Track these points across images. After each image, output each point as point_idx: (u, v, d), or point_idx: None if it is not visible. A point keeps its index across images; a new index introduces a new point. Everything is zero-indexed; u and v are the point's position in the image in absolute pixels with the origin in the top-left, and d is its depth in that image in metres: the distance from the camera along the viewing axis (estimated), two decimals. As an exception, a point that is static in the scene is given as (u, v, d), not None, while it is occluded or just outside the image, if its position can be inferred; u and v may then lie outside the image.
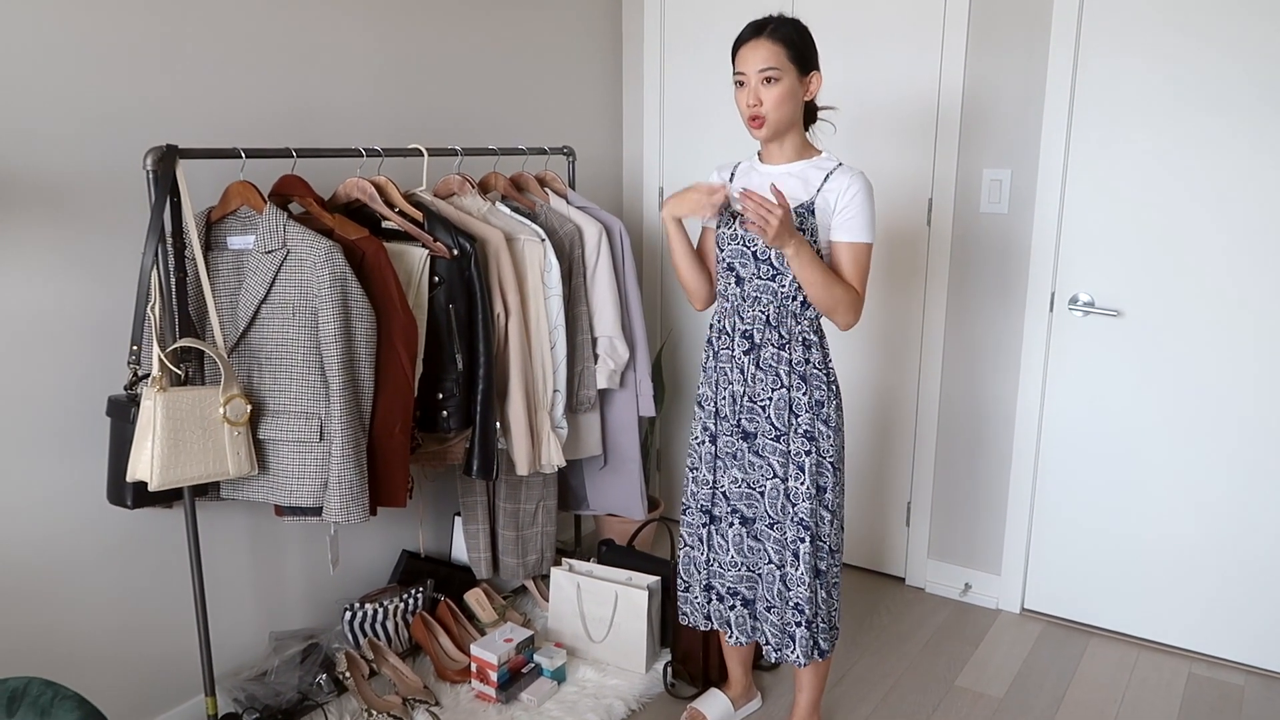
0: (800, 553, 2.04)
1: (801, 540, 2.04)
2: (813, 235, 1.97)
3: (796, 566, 2.05)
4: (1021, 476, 2.92)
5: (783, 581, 2.08)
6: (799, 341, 2.02)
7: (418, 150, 2.39)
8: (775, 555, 2.08)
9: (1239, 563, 2.64)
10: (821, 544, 2.07)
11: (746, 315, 2.05)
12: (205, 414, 1.91)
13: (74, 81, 1.94)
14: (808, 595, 2.06)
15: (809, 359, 2.02)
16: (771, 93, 1.92)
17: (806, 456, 2.02)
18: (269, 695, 2.27)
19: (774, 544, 2.08)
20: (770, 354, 2.03)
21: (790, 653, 2.10)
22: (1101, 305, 2.73)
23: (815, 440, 2.03)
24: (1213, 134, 2.50)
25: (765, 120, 1.94)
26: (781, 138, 2.00)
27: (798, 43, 1.93)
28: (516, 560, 2.76)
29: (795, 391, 2.02)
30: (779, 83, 1.92)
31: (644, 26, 3.40)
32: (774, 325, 2.02)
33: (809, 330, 2.03)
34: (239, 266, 2.06)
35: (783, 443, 2.04)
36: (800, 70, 1.94)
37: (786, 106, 1.94)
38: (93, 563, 2.10)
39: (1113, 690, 2.59)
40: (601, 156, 3.46)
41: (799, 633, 2.08)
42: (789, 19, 1.96)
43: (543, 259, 2.45)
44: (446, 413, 2.31)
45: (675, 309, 3.56)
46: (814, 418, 2.02)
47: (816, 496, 2.04)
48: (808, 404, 2.02)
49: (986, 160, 2.83)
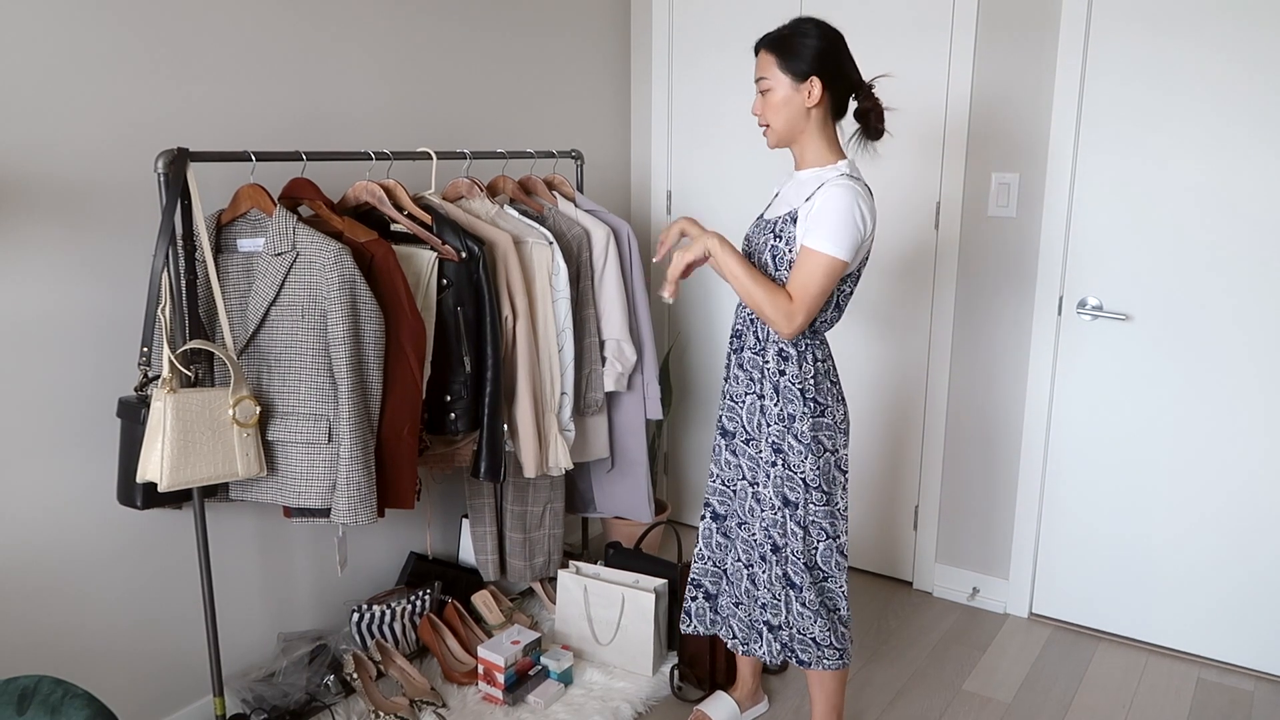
0: (766, 556, 2.06)
1: (767, 544, 2.06)
2: (789, 243, 1.95)
3: (764, 569, 2.07)
4: (1030, 480, 2.91)
5: (750, 580, 2.12)
6: (775, 351, 2.00)
7: (426, 154, 2.40)
8: (744, 554, 2.12)
9: (1248, 567, 2.63)
10: (794, 558, 2.03)
11: (740, 312, 2.10)
12: (215, 415, 1.92)
13: (86, 87, 1.95)
14: (772, 599, 2.07)
15: (783, 370, 1.99)
16: (767, 103, 1.97)
17: (772, 467, 2.02)
18: (277, 696, 2.28)
19: (743, 543, 2.12)
20: (748, 357, 2.06)
21: (758, 648, 2.12)
22: (1110, 309, 2.72)
23: (783, 453, 2.01)
24: (1222, 137, 2.49)
25: (769, 128, 1.99)
26: (795, 144, 2.01)
27: (787, 52, 1.93)
28: (524, 562, 2.76)
29: (767, 400, 2.02)
30: (770, 94, 1.96)
31: (652, 31, 3.40)
32: (752, 326, 2.06)
33: (785, 342, 2.00)
34: (249, 269, 2.08)
35: (752, 447, 2.07)
36: (794, 78, 1.93)
37: (781, 115, 1.96)
38: (103, 563, 2.11)
39: (1121, 695, 2.58)
40: (609, 160, 3.46)
41: (765, 632, 2.10)
42: (787, 28, 1.95)
43: (550, 262, 2.46)
44: (454, 415, 2.31)
45: (683, 312, 3.56)
46: (785, 430, 2.00)
47: (784, 509, 2.02)
48: (778, 415, 2.01)
49: (995, 164, 2.82)
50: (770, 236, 2.00)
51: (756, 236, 2.05)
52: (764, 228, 2.04)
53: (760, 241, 2.03)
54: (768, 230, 2.02)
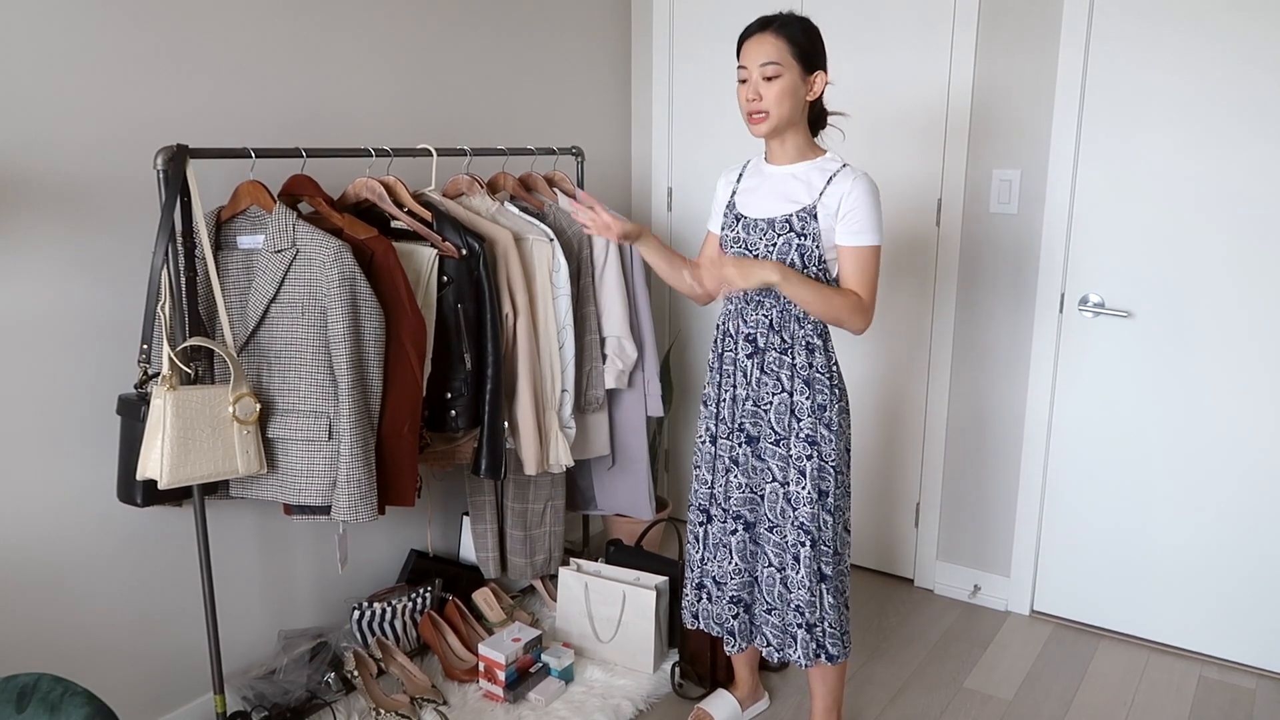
0: (800, 556, 2.03)
1: (802, 544, 2.02)
2: (815, 240, 1.94)
3: (797, 570, 2.04)
4: (1031, 477, 2.91)
5: (783, 584, 2.07)
6: (802, 346, 2.00)
7: (427, 150, 2.40)
8: (775, 558, 2.07)
9: (1250, 565, 2.63)
10: (825, 548, 2.05)
11: (750, 319, 2.04)
12: (215, 413, 1.92)
13: (86, 83, 1.95)
14: (808, 598, 2.04)
15: (812, 363, 2.01)
16: (772, 88, 1.90)
17: (808, 461, 2.01)
18: (277, 693, 2.28)
19: (774, 547, 2.07)
20: (773, 358, 2.02)
21: (791, 652, 2.08)
22: (1112, 306, 2.72)
23: (817, 444, 2.01)
24: (1226, 133, 2.48)
25: (765, 116, 1.92)
26: (782, 136, 1.98)
27: (802, 40, 1.91)
28: (524, 560, 2.76)
29: (798, 395, 2.01)
30: (779, 79, 1.89)
31: (653, 27, 3.40)
32: (777, 329, 2.01)
33: (813, 334, 2.01)
34: (249, 266, 2.07)
35: (783, 446, 2.03)
36: (804, 68, 1.92)
37: (786, 104, 1.91)
38: (103, 560, 2.11)
39: (1123, 693, 2.58)
40: (610, 157, 3.46)
41: (800, 634, 2.06)
42: (798, 16, 1.94)
43: (551, 259, 2.45)
44: (455, 412, 2.31)
45: (683, 309, 3.56)
46: (816, 421, 2.01)
47: (819, 501, 2.02)
48: (810, 408, 2.00)
49: (996, 160, 2.82)
50: (791, 235, 1.95)
51: (753, 236, 2.00)
52: (765, 227, 1.99)
53: (769, 241, 1.97)
54: (778, 229, 1.96)
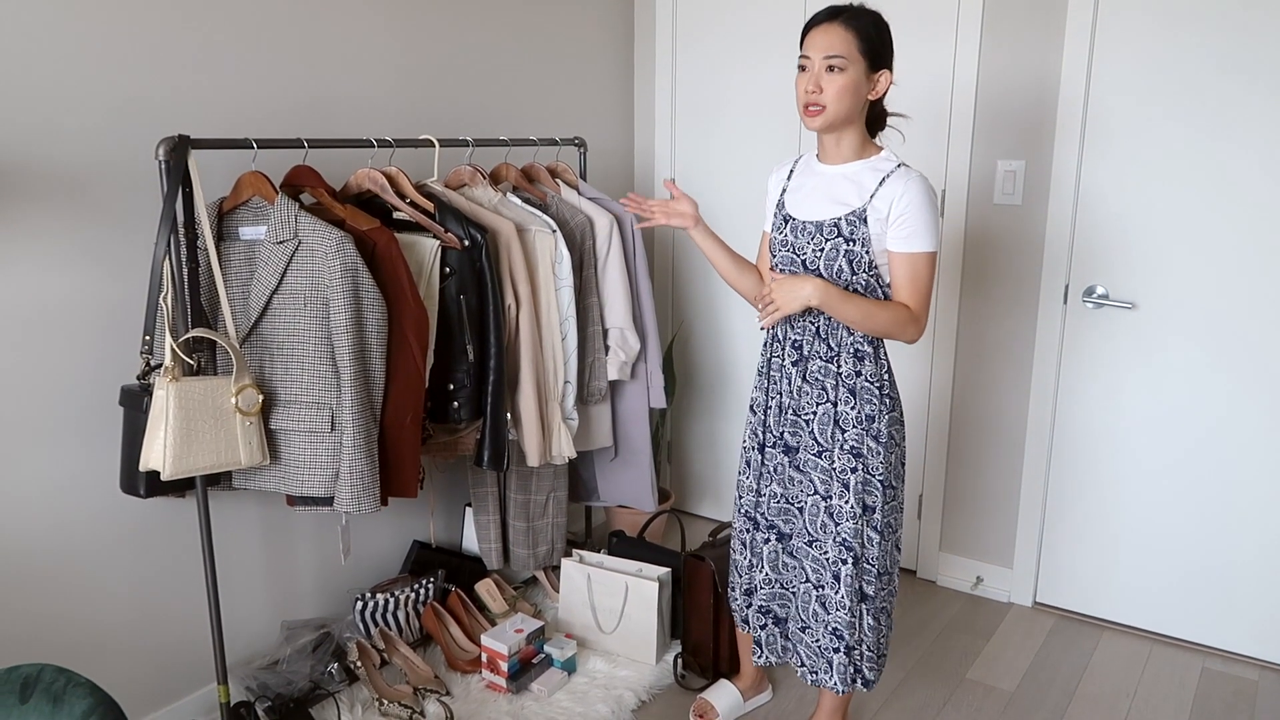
0: (841, 575, 1.94)
1: (843, 561, 1.93)
2: (864, 245, 1.86)
3: (837, 589, 1.95)
4: (1034, 469, 2.90)
5: (820, 604, 1.99)
6: (849, 353, 1.92)
7: (429, 141, 2.39)
8: (813, 574, 1.99)
9: (1253, 557, 2.62)
10: (869, 567, 1.95)
11: (797, 324, 1.97)
12: (217, 404, 1.92)
13: (87, 73, 1.94)
14: (848, 620, 1.95)
15: (860, 371, 1.91)
16: (834, 82, 1.79)
17: (853, 474, 1.92)
18: (281, 684, 2.29)
19: (812, 562, 1.99)
20: (818, 367, 1.94)
21: (828, 679, 1.99)
22: (1116, 298, 2.71)
23: (863, 457, 1.92)
24: (1230, 124, 2.47)
25: (821, 110, 1.81)
26: (838, 133, 1.87)
27: (873, 34, 1.80)
28: (527, 551, 2.76)
29: (843, 405, 1.92)
30: (843, 72, 1.78)
31: (656, 17, 3.38)
32: (823, 337, 1.93)
33: (862, 341, 1.91)
34: (251, 257, 2.07)
35: (825, 459, 1.95)
36: (870, 65, 1.81)
37: (846, 100, 1.80)
38: (106, 551, 2.11)
39: (1125, 685, 2.58)
40: (613, 148, 3.45)
41: (836, 659, 1.97)
42: (870, 10, 1.83)
43: (554, 250, 2.45)
44: (457, 403, 2.31)
45: (686, 301, 3.55)
46: (863, 433, 1.91)
47: (863, 516, 1.93)
48: (855, 418, 1.91)
49: (1000, 151, 2.81)
50: (839, 240, 1.87)
51: (801, 240, 1.92)
52: (813, 230, 1.91)
53: (816, 246, 1.90)
54: (825, 234, 1.89)
